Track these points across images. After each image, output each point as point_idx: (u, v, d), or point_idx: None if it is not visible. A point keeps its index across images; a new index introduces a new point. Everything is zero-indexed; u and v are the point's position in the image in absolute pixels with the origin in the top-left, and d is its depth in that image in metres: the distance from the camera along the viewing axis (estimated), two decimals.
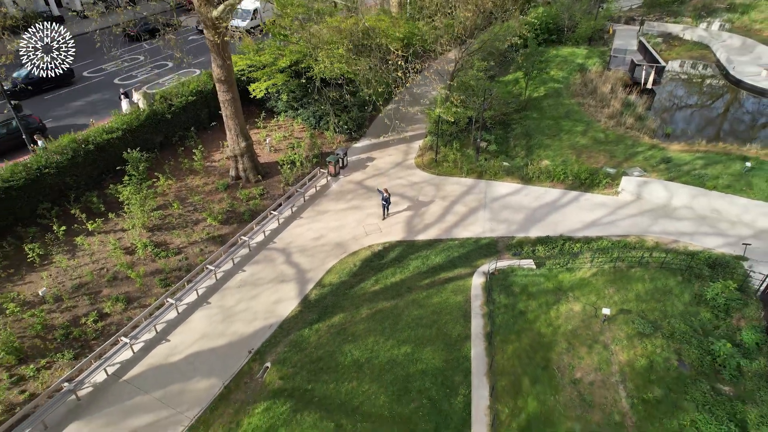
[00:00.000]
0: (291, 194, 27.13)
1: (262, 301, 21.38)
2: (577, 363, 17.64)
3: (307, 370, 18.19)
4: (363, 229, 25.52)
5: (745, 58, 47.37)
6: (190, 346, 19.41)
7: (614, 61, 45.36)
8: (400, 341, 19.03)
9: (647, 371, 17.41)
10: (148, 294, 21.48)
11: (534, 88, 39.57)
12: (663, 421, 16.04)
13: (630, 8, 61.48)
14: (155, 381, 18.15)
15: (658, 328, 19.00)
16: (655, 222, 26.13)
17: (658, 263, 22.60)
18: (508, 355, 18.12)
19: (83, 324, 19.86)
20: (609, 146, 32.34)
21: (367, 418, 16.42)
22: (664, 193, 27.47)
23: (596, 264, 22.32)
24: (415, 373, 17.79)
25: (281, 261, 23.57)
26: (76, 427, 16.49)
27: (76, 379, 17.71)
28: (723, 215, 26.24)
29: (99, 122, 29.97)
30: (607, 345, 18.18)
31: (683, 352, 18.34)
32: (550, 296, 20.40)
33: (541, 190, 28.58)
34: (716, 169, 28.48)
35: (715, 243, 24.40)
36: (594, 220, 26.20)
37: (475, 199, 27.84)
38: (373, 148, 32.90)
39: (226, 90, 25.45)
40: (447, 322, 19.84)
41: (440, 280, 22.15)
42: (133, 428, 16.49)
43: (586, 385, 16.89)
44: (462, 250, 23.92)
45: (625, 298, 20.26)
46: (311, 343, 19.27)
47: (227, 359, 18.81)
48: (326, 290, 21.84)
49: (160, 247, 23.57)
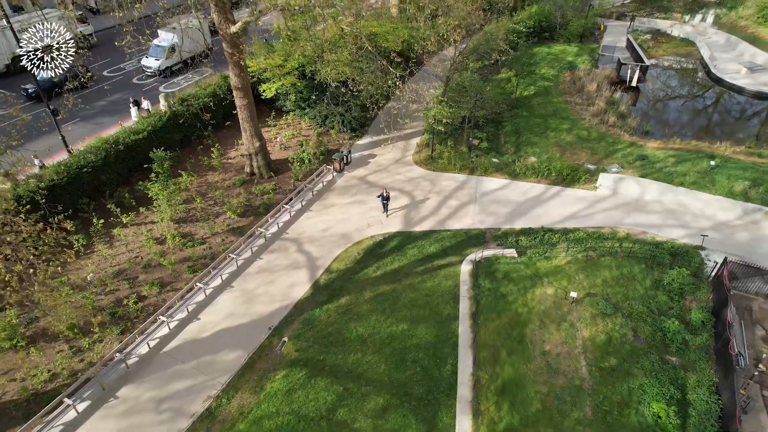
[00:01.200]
0: (301, 189, 30.13)
1: (278, 285, 24.57)
2: (547, 338, 20.88)
3: (319, 343, 21.44)
4: (366, 221, 28.60)
5: (728, 56, 49.81)
6: (217, 324, 22.64)
7: (603, 60, 47.87)
8: (398, 320, 22.25)
9: (606, 345, 20.65)
10: (179, 279, 24.67)
11: (525, 86, 42.25)
12: (615, 385, 19.31)
13: (623, 3, 63.53)
14: (190, 353, 21.42)
15: (618, 309, 22.20)
16: (627, 215, 29.16)
17: (625, 252, 25.73)
18: (489, 331, 21.36)
19: (125, 305, 23.07)
20: (591, 144, 35.22)
21: (369, 383, 19.71)
22: (637, 188, 30.45)
23: (571, 253, 25.43)
24: (411, 347, 21.04)
25: (294, 250, 26.71)
26: (128, 390, 19.81)
27: (125, 350, 20.99)
28: (688, 209, 29.27)
29: (123, 122, 32.92)
30: (574, 323, 21.40)
31: (639, 329, 21.56)
32: (527, 281, 23.58)
33: (527, 185, 31.55)
34: (685, 166, 31.42)
35: (679, 234, 27.46)
36: (573, 213, 29.23)
37: (466, 193, 30.84)
38: (374, 145, 35.80)
39: (242, 96, 28.31)
40: (438, 303, 23.04)
41: (433, 267, 25.28)
42: (174, 391, 19.81)
43: (554, 356, 20.14)
44: (453, 240, 27.02)
45: (593, 284, 23.42)
46: (322, 321, 22.49)
47: (250, 335, 22.05)
48: (334, 276, 25.00)
49: (186, 238, 26.72)
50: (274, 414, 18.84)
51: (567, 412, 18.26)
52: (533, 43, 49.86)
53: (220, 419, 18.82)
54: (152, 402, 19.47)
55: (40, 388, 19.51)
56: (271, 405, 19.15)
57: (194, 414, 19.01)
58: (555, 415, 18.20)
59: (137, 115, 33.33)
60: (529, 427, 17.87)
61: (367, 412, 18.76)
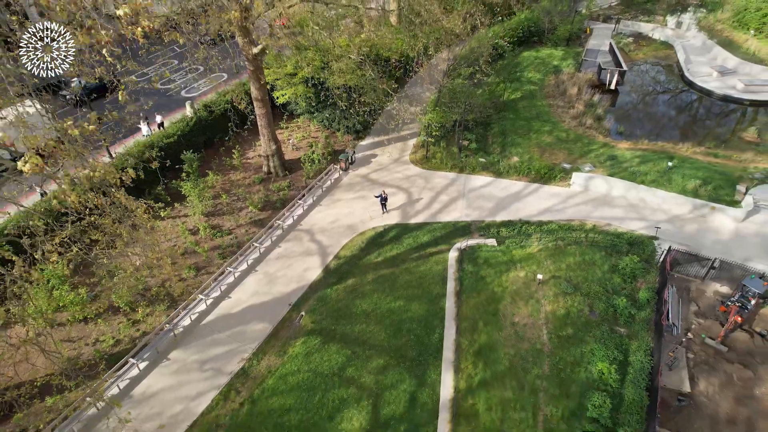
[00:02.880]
0: (311, 186, 34.62)
1: (295, 269, 29.20)
2: (516, 312, 25.54)
3: (331, 317, 26.13)
4: (368, 215, 33.12)
5: (703, 59, 53.86)
6: (246, 301, 27.32)
7: (585, 64, 51.93)
8: (395, 297, 26.90)
9: (565, 318, 25.30)
10: (211, 264, 29.30)
11: (512, 90, 46.47)
12: (570, 349, 23.98)
13: (610, 6, 67.28)
14: (224, 325, 26.13)
15: (578, 289, 26.82)
16: (595, 209, 33.64)
17: (589, 242, 30.29)
18: (470, 307, 26.03)
19: (168, 285, 27.72)
20: (569, 144, 39.59)
21: (372, 348, 24.42)
22: (605, 186, 34.89)
23: (542, 242, 29.98)
24: (406, 319, 25.72)
25: (307, 239, 31.30)
26: (177, 353, 24.54)
27: (172, 322, 25.69)
28: (647, 204, 33.73)
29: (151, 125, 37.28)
30: (539, 300, 26.04)
31: (594, 305, 26.19)
32: (503, 266, 28.20)
33: (509, 183, 36.00)
34: (648, 166, 35.81)
35: (638, 226, 31.95)
36: (548, 207, 33.71)
37: (456, 190, 35.32)
38: (375, 146, 40.21)
39: (261, 106, 32.68)
40: (429, 284, 27.68)
41: (426, 254, 29.88)
42: (214, 354, 24.54)
43: (521, 326, 24.81)
44: (443, 231, 31.58)
45: (559, 268, 28.01)
46: (332, 298, 27.16)
47: (273, 310, 26.73)
48: (341, 261, 29.62)
49: (215, 229, 31.30)
50: (295, 372, 23.59)
51: (529, 369, 22.98)
52: (523, 48, 53.88)
53: (252, 376, 23.58)
54: (197, 363, 24.23)
55: (108, 351, 24.26)
56: (293, 365, 23.90)
57: (231, 372, 23.77)
58: (519, 371, 22.92)
59: (148, 132, 36.85)
60: (498, 380, 22.61)
61: (370, 370, 23.49)
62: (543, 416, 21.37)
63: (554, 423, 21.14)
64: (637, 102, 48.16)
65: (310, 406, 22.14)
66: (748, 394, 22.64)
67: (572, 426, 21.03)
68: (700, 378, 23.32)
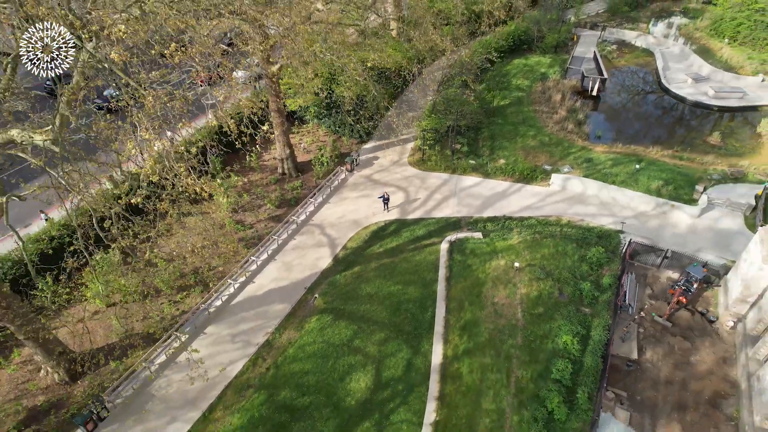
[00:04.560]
0: (321, 186, 39.28)
1: (309, 258, 33.95)
2: (496, 294, 30.29)
3: (340, 298, 30.89)
4: (371, 211, 37.79)
5: (680, 66, 58.15)
6: (267, 285, 32.09)
7: (570, 72, 56.28)
8: (395, 282, 31.65)
9: (537, 299, 30.02)
10: (237, 254, 34.03)
11: (502, 97, 50.95)
12: (540, 325, 28.71)
13: (597, 13, 71.38)
14: (250, 305, 30.92)
15: (550, 275, 31.53)
16: (571, 206, 38.27)
17: (563, 235, 34.95)
18: (457, 290, 30.79)
19: (201, 272, 32.49)
20: (551, 148, 44.17)
21: (375, 324, 29.20)
22: (581, 186, 39.51)
23: (522, 235, 34.67)
24: (404, 300, 30.47)
25: (318, 233, 36.02)
26: (212, 328, 29.36)
27: (206, 302, 30.48)
28: (617, 202, 38.35)
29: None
30: (516, 284, 30.79)
31: (563, 289, 30.90)
32: (487, 256, 32.92)
33: (496, 183, 40.63)
34: (618, 168, 40.42)
35: (607, 221, 36.57)
36: (529, 205, 38.35)
37: (448, 189, 39.98)
38: (377, 149, 44.84)
39: (278, 117, 37.30)
40: (424, 271, 32.41)
41: (421, 246, 34.60)
42: (243, 329, 29.37)
43: (500, 306, 29.57)
44: (437, 226, 36.28)
45: (534, 257, 32.71)
46: (341, 283, 31.91)
47: (291, 293, 31.50)
48: (349, 251, 34.35)
49: (239, 224, 36.03)
50: (311, 343, 28.41)
51: (505, 341, 27.76)
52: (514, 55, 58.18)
53: (275, 346, 28.41)
54: (229, 336, 29.05)
55: (155, 326, 29.05)
56: (309, 337, 28.71)
57: (258, 343, 28.60)
58: (497, 342, 27.71)
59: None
60: (479, 349, 27.41)
61: (374, 342, 28.29)
62: (515, 377, 26.18)
63: (524, 383, 25.95)
64: (615, 108, 52.63)
65: (324, 370, 26.97)
66: (685, 361, 27.45)
67: (539, 385, 25.82)
68: (647, 348, 28.12)
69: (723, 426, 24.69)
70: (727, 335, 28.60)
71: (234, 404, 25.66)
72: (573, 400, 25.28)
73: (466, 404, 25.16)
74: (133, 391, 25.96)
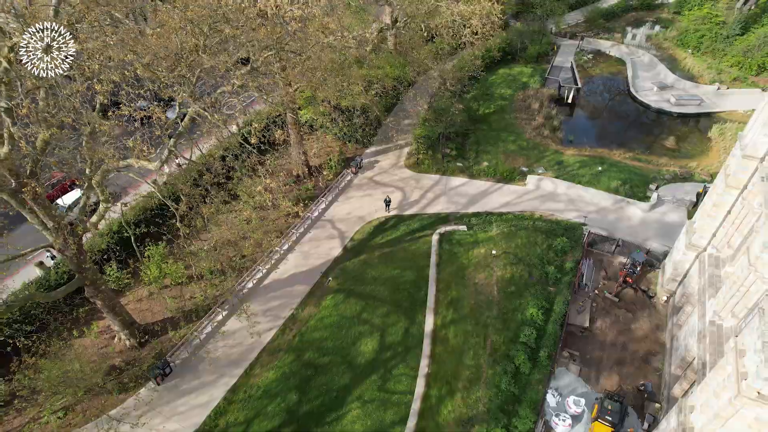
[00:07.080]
0: (330, 187, 45.87)
1: (322, 248, 40.66)
2: (477, 276, 37.13)
3: (350, 281, 37.65)
4: (374, 208, 44.44)
5: (648, 74, 64.69)
6: (289, 271, 38.81)
7: (549, 81, 62.72)
8: (394, 267, 38.43)
9: (510, 280, 36.86)
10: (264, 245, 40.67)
11: (487, 106, 57.51)
12: (512, 300, 35.56)
13: (577, 23, 77.35)
14: (276, 287, 37.65)
15: (522, 260, 38.36)
16: (543, 203, 45.03)
17: (535, 228, 41.77)
18: (446, 273, 37.64)
19: (234, 261, 39.12)
20: (528, 152, 50.87)
21: (378, 301, 36.02)
22: (552, 185, 46.26)
23: (500, 228, 41.46)
24: (402, 282, 37.27)
25: (329, 227, 42.72)
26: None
27: (240, 285, 37.19)
28: (583, 199, 45.16)
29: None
30: (493, 268, 37.63)
31: (532, 272, 37.74)
32: (470, 245, 39.73)
33: (480, 183, 47.30)
34: (585, 170, 47.22)
35: (573, 215, 43.37)
36: (507, 201, 45.10)
37: (439, 189, 46.68)
38: (378, 153, 51.44)
39: (294, 127, 43.79)
40: (418, 258, 39.19)
41: (416, 237, 41.35)
42: (271, 306, 36.12)
43: (480, 286, 36.41)
44: (429, 221, 43.02)
45: (509, 246, 39.51)
46: (350, 269, 38.67)
47: (309, 277, 38.23)
48: (356, 242, 41.08)
49: (263, 220, 42.65)
50: (328, 316, 35.23)
51: (483, 313, 34.65)
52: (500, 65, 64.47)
53: (299, 319, 35.21)
54: (260, 311, 35.73)
55: (200, 304, 35.79)
56: (326, 311, 35.52)
57: (284, 317, 35.38)
58: (477, 314, 34.60)
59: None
60: (462, 319, 34.29)
61: (378, 315, 35.13)
62: (490, 341, 33.11)
63: (498, 345, 32.88)
64: (588, 114, 59.30)
65: (339, 336, 33.83)
66: (626, 328, 34.49)
67: (509, 347, 32.75)
68: (597, 318, 35.13)
69: (651, 375, 31.81)
70: (662, 308, 35.67)
71: (269, 363, 32.50)
72: (536, 358, 32.30)
73: (451, 361, 32.12)
74: (187, 354, 32.75)
